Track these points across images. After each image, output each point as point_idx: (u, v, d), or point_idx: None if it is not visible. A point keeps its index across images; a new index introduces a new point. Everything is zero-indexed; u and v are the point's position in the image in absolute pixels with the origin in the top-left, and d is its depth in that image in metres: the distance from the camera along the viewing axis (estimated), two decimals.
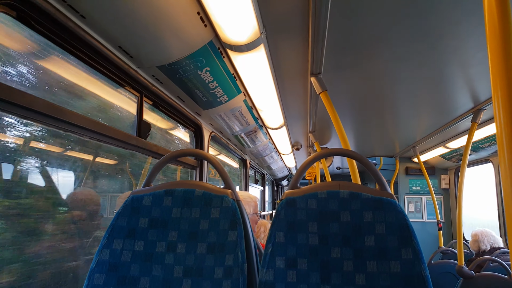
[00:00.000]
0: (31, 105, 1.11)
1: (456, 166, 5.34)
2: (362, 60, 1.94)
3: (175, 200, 1.15)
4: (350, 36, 1.68)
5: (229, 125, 2.79)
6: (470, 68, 2.03)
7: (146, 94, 1.89)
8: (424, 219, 5.74)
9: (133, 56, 1.58)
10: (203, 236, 1.10)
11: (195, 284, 1.04)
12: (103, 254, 1.09)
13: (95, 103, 1.70)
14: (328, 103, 1.92)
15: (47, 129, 1.42)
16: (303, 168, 1.17)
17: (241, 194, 2.43)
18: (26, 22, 1.16)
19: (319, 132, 3.86)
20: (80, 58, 1.42)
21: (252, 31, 1.51)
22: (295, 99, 2.70)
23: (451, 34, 1.64)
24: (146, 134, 1.87)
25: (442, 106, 2.84)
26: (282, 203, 1.10)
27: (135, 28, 1.37)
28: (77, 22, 1.29)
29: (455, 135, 3.96)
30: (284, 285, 1.01)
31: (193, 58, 1.64)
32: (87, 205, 1.74)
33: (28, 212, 1.38)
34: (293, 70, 2.11)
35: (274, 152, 4.69)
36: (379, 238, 1.02)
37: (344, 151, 1.17)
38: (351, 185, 1.09)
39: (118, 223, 1.13)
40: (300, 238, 1.05)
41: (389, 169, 6.57)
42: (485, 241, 3.62)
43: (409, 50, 1.81)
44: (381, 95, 2.58)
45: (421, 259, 0.98)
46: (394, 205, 1.04)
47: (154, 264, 1.08)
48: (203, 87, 1.97)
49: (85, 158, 1.73)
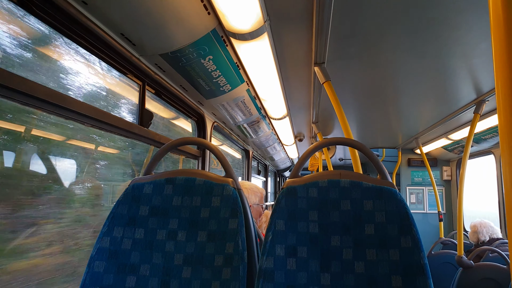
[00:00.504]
0: (31, 91, 1.11)
1: (458, 157, 5.33)
2: (366, 50, 1.93)
3: (176, 188, 1.15)
4: (354, 25, 1.67)
5: (232, 115, 2.78)
6: (473, 59, 2.01)
7: (148, 82, 1.88)
8: (425, 210, 5.76)
9: (136, 43, 1.57)
10: (204, 224, 1.11)
11: (195, 271, 1.05)
12: (103, 242, 1.10)
13: (97, 90, 1.69)
14: (331, 93, 1.91)
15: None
16: (304, 157, 1.17)
17: (248, 184, 2.44)
18: (27, 8, 1.16)
19: (322, 123, 3.85)
20: (82, 45, 1.41)
21: (256, 19, 1.50)
22: (299, 89, 2.69)
23: (455, 24, 1.62)
24: (148, 123, 1.87)
25: (445, 97, 2.83)
26: (283, 192, 1.10)
27: (138, 15, 1.36)
28: (79, 9, 1.28)
29: (458, 126, 3.95)
30: (284, 273, 1.01)
31: (196, 46, 1.63)
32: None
33: None
34: (297, 60, 2.10)
35: (276, 143, 4.68)
36: (379, 226, 1.02)
37: (345, 140, 1.17)
38: (352, 174, 1.10)
39: (118, 211, 1.13)
40: (300, 226, 1.06)
41: (392, 160, 6.57)
42: (484, 232, 3.63)
43: (412, 40, 1.80)
44: (384, 85, 2.57)
45: (420, 248, 0.98)
46: (394, 194, 1.04)
47: (154, 252, 1.09)
48: (206, 76, 1.96)
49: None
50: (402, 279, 0.97)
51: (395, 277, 0.98)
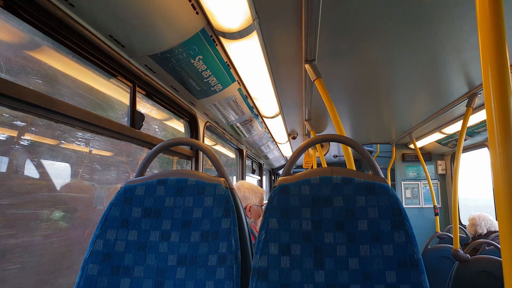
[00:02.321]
0: (21, 95, 1.10)
1: (452, 151, 5.36)
2: (356, 46, 1.93)
3: (168, 189, 1.15)
4: (344, 22, 1.67)
5: (224, 114, 2.78)
6: (464, 53, 2.02)
7: (139, 84, 1.87)
8: (421, 205, 5.77)
9: (125, 45, 1.56)
10: (197, 225, 1.10)
11: (189, 272, 1.05)
12: (96, 245, 1.09)
13: (87, 94, 1.68)
14: (322, 90, 1.91)
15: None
16: (295, 155, 1.18)
17: (249, 185, 2.43)
18: (13, 11, 1.15)
19: (315, 120, 3.86)
20: (70, 47, 1.40)
21: (245, 17, 1.49)
22: (290, 87, 2.69)
23: (445, 18, 1.63)
24: (140, 124, 1.86)
25: (437, 91, 2.84)
26: (275, 190, 1.10)
27: (126, 16, 1.35)
28: (66, 11, 1.27)
29: (451, 120, 3.97)
30: (278, 271, 1.01)
31: (185, 46, 1.62)
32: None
33: None
34: (287, 57, 2.09)
35: (270, 141, 4.68)
36: (372, 222, 1.02)
37: (336, 137, 1.17)
38: (344, 170, 1.10)
39: (111, 213, 1.13)
40: (293, 224, 1.06)
41: (386, 156, 6.59)
42: (482, 224, 3.65)
43: (402, 35, 1.80)
44: (376, 81, 2.57)
45: (413, 242, 0.98)
46: (386, 189, 1.04)
47: (148, 253, 1.08)
48: (197, 76, 1.95)
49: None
50: (396, 274, 0.97)
51: (389, 272, 0.98)
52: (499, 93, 0.64)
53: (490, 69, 0.64)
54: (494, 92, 0.64)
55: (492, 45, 0.64)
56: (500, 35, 0.64)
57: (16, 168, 1.31)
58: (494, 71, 0.64)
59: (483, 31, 0.66)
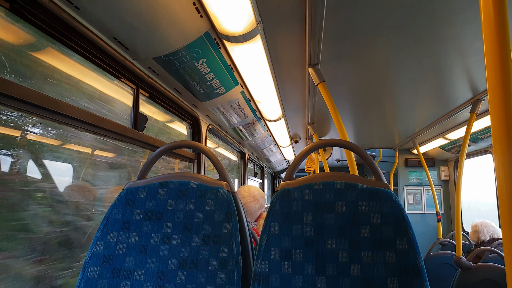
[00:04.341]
0: (25, 97, 1.10)
1: (455, 157, 5.33)
2: (360, 50, 1.93)
3: (170, 192, 1.15)
4: (347, 26, 1.66)
5: (227, 117, 2.78)
6: (469, 58, 2.01)
7: (142, 86, 1.88)
8: (423, 211, 5.74)
9: (129, 47, 1.56)
10: (198, 228, 1.10)
11: (189, 276, 1.04)
12: (97, 247, 1.09)
13: (91, 95, 1.69)
14: (326, 94, 1.91)
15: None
16: (298, 160, 1.17)
17: (254, 189, 2.42)
18: (20, 14, 1.15)
19: (318, 124, 3.85)
20: (74, 49, 1.41)
21: (248, 21, 1.50)
22: (293, 91, 2.69)
23: (449, 23, 1.62)
24: (143, 126, 1.86)
25: (441, 96, 2.82)
26: (277, 194, 1.09)
27: (130, 19, 1.36)
28: (71, 14, 1.28)
29: (454, 126, 3.95)
30: (279, 277, 1.01)
31: (189, 49, 1.62)
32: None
33: None
34: (291, 61, 2.09)
35: (273, 144, 4.68)
36: (374, 228, 1.02)
37: (339, 142, 1.17)
38: (346, 175, 1.09)
39: (112, 215, 1.13)
40: (295, 229, 1.05)
41: (389, 161, 6.56)
42: (485, 231, 3.62)
43: (406, 40, 1.80)
44: (379, 85, 2.57)
45: (416, 250, 0.98)
46: (389, 195, 1.04)
47: (148, 257, 1.08)
48: (200, 79, 1.96)
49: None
50: (398, 281, 0.96)
51: (391, 280, 0.97)
52: (504, 99, 0.63)
53: (494, 74, 0.64)
54: (499, 98, 0.63)
55: (497, 50, 0.64)
56: (505, 40, 0.64)
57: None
58: (498, 77, 0.63)
59: (487, 36, 0.65)
